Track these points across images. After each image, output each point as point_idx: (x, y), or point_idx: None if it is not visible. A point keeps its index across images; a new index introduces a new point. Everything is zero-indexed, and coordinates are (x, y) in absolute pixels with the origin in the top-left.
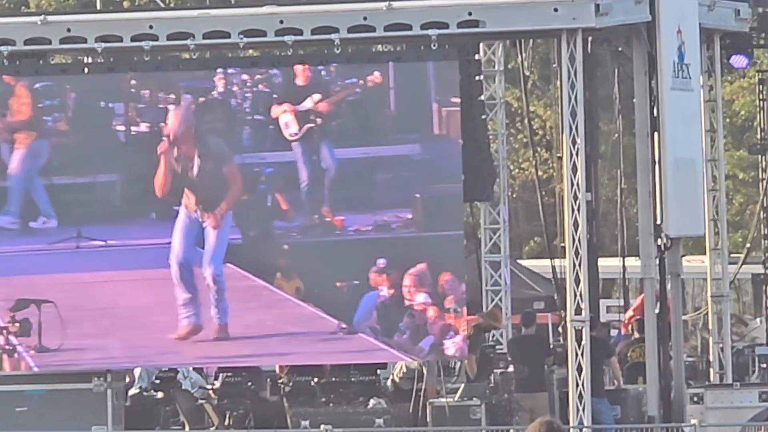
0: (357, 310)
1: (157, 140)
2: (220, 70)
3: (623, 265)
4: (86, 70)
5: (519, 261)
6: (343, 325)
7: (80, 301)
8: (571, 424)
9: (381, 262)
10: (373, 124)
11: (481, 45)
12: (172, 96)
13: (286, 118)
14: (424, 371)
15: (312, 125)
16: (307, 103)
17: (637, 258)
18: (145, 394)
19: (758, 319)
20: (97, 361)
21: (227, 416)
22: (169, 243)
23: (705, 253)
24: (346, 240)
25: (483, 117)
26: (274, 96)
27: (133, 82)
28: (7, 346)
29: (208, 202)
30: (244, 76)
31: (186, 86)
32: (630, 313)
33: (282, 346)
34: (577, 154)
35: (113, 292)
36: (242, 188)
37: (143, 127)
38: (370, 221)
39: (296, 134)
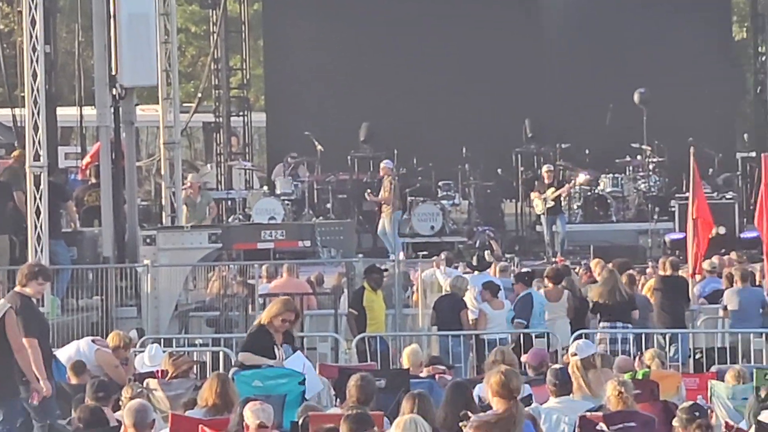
0: None
1: None
2: None
3: (80, 114)
4: None
5: None
6: None
7: None
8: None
9: None
10: None
11: None
12: None
13: None
14: None
15: None
16: None
17: (94, 107)
18: None
19: (209, 165)
20: None
21: None
22: None
23: (158, 103)
24: None
25: None
26: None
27: None
28: None
29: None
30: None
31: None
32: (87, 159)
33: None
34: (35, 8)
35: None
36: None
37: None
38: None
39: None
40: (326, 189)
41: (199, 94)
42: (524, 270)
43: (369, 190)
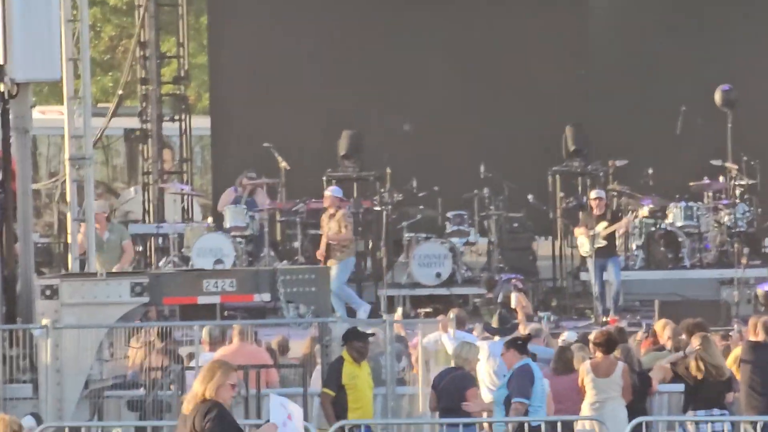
0: None
1: None
2: None
3: None
4: None
5: None
6: None
7: None
8: None
9: None
10: None
11: None
12: None
13: None
14: None
15: None
16: None
17: None
18: None
19: (132, 188)
20: None
21: None
22: None
23: (63, 103)
24: None
25: None
26: None
27: None
28: None
29: None
30: None
31: None
32: None
33: None
34: None
35: None
36: None
37: None
38: None
39: None
40: (293, 222)
41: (120, 91)
42: (518, 334)
43: (335, 229)
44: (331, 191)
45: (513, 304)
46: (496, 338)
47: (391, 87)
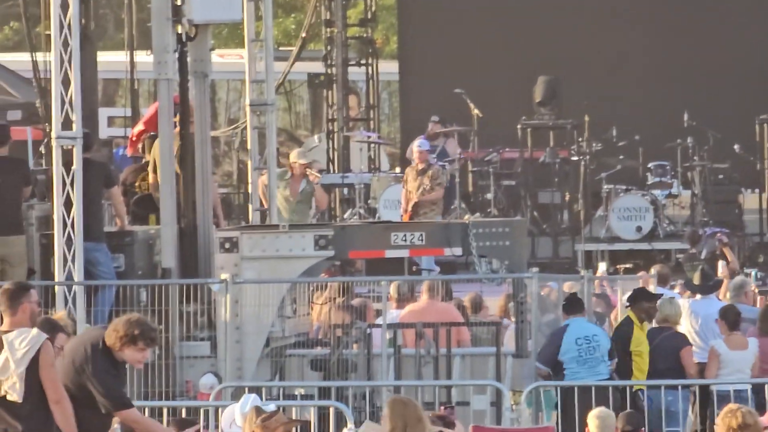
0: None
1: None
2: None
3: (131, 62)
4: None
5: None
6: None
7: None
8: (58, 280)
9: None
10: None
11: None
12: None
13: None
14: None
15: None
16: None
17: (150, 52)
18: None
19: (316, 137)
20: None
21: None
22: None
23: (243, 46)
24: None
25: None
26: None
27: None
28: None
29: None
30: None
31: None
32: (140, 127)
33: None
34: None
35: None
36: None
37: None
38: None
39: None
40: (486, 172)
41: (303, 34)
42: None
43: (426, 186)
44: (418, 145)
45: (720, 273)
46: (698, 296)
47: (591, 30)
